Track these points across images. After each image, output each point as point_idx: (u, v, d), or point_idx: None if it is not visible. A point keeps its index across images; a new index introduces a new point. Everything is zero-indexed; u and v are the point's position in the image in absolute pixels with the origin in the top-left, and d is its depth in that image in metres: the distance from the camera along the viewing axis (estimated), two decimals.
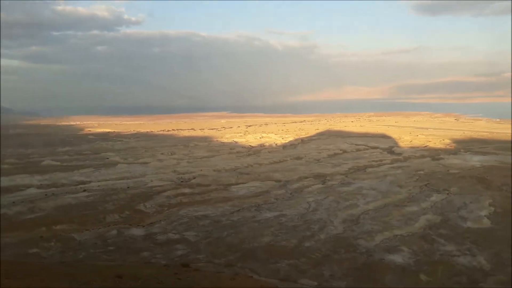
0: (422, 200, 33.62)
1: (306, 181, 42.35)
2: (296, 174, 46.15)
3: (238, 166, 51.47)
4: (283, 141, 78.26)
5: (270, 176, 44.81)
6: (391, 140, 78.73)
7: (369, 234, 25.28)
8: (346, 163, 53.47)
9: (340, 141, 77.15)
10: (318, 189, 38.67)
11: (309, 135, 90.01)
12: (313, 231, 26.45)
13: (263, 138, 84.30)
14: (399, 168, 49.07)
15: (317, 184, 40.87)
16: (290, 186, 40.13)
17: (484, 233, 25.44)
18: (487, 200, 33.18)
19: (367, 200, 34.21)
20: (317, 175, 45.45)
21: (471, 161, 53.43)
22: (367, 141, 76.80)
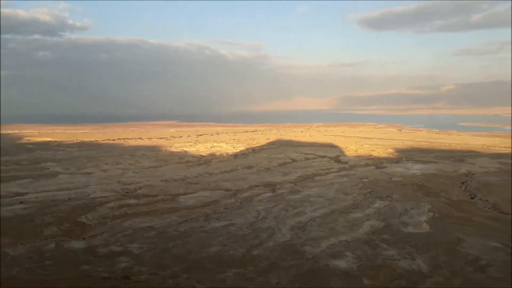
0: (366, 207, 34.67)
1: (257, 190, 42.44)
2: (247, 183, 46.14)
3: (187, 176, 50.61)
4: (234, 151, 78.14)
5: (220, 186, 44.46)
6: (338, 149, 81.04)
7: (315, 241, 25.66)
8: (295, 171, 54.25)
9: (290, 151, 78.33)
10: (268, 198, 38.84)
11: (260, 145, 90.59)
12: (261, 239, 26.43)
13: (214, 147, 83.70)
14: (345, 176, 50.49)
15: (267, 193, 41.06)
16: (240, 195, 39.97)
17: (423, 237, 26.60)
18: (427, 206, 34.83)
19: (315, 207, 34.78)
20: (267, 184, 45.70)
21: (412, 169, 56.02)
22: (316, 150, 78.59)
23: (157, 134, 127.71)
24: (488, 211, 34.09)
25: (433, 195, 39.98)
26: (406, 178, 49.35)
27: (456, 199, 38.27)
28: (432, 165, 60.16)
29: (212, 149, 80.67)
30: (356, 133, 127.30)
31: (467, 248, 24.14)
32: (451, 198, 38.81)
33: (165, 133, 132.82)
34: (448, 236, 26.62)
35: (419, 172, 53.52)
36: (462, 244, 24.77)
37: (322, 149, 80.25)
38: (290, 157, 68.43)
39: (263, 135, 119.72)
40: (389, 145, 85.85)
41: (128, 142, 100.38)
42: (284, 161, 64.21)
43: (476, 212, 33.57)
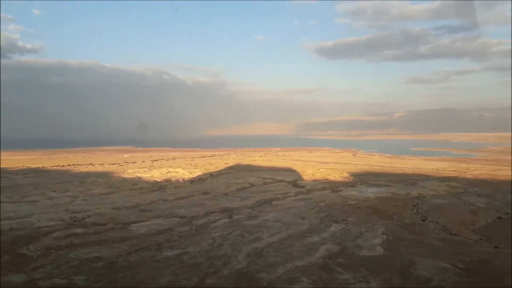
0: (322, 231, 34.73)
1: (213, 216, 41.57)
2: (203, 209, 45.17)
3: (140, 203, 48.91)
4: (191, 176, 76.83)
5: (174, 213, 43.21)
6: (296, 173, 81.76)
7: (271, 267, 25.18)
8: (253, 196, 53.91)
9: (249, 175, 78.11)
10: (224, 224, 38.07)
11: (218, 170, 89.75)
12: (216, 267, 25.62)
13: (169, 173, 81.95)
14: (302, 200, 50.73)
15: (224, 219, 40.31)
16: (196, 222, 38.94)
17: (378, 260, 26.82)
18: (381, 229, 35.39)
19: (272, 232, 34.41)
20: (224, 210, 44.96)
21: (366, 193, 57.26)
22: (274, 174, 78.87)
23: (110, 160, 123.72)
24: (439, 233, 35.13)
25: (386, 218, 40.80)
26: (361, 201, 50.23)
27: (408, 222, 39.24)
28: (386, 188, 61.82)
29: (167, 174, 78.92)
30: (313, 158, 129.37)
31: (419, 269, 24.51)
32: (404, 220, 39.77)
33: (118, 159, 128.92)
34: (401, 258, 27.01)
35: (373, 196, 54.72)
36: (414, 266, 25.14)
37: (281, 174, 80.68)
38: (248, 181, 68.11)
39: (221, 160, 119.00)
40: (344, 169, 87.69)
41: (79, 168, 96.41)
42: (243, 186, 63.77)
43: (427, 234, 34.48)
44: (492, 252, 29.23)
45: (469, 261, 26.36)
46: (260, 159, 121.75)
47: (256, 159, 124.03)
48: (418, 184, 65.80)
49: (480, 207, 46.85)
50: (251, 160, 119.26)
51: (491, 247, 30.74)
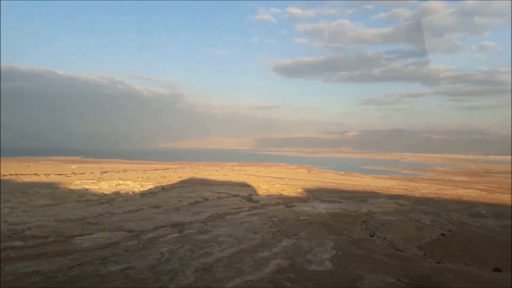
0: (273, 245, 34.61)
1: (162, 231, 40.40)
2: (153, 223, 43.78)
3: (86, 216, 46.70)
4: (142, 189, 74.60)
5: (122, 226, 41.57)
6: (250, 188, 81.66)
7: (220, 282, 24.62)
8: (206, 211, 53.11)
9: (203, 189, 77.07)
10: (174, 238, 37.05)
11: (171, 183, 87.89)
12: (162, 282, 24.70)
13: (119, 185, 79.15)
14: (256, 215, 50.55)
15: (174, 233, 39.27)
16: (144, 236, 37.63)
17: (326, 275, 26.98)
18: (330, 244, 35.81)
19: (223, 247, 33.84)
20: (175, 224, 43.86)
21: (318, 208, 58.07)
22: (229, 189, 78.31)
23: (57, 170, 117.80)
24: (386, 249, 36.04)
25: (336, 233, 41.41)
26: (313, 216, 50.78)
27: (357, 237, 40.03)
28: (337, 204, 63.03)
29: (117, 187, 76.12)
30: (269, 173, 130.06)
31: (366, 284, 24.85)
32: (353, 236, 40.53)
33: (65, 169, 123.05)
34: (349, 273, 27.32)
35: (325, 211, 55.56)
36: (361, 281, 25.47)
37: (236, 188, 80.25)
38: (202, 196, 67.11)
39: (175, 173, 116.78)
40: (299, 185, 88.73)
41: (22, 178, 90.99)
42: (196, 200, 62.71)
43: (375, 250, 35.25)
44: (435, 268, 30.26)
45: (413, 276, 27.10)
46: (216, 174, 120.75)
47: (212, 173, 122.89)
48: (368, 201, 67.66)
49: (425, 224, 48.71)
50: (206, 174, 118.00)
51: (434, 263, 31.90)
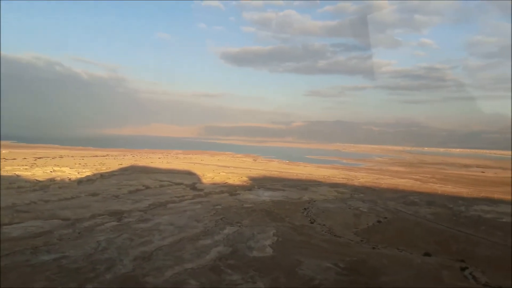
0: (216, 233, 34.48)
1: (100, 219, 38.87)
2: (89, 211, 42.02)
3: (17, 203, 43.81)
4: (79, 176, 71.18)
5: (56, 214, 39.50)
6: (195, 176, 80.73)
7: (159, 270, 24.11)
8: (147, 199, 51.77)
9: (144, 177, 75.04)
10: (112, 227, 35.76)
11: (110, 170, 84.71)
12: (98, 272, 23.77)
13: (54, 172, 74.98)
14: (199, 203, 50.06)
15: (112, 222, 37.91)
16: (80, 225, 36.02)
17: (267, 261, 27.31)
18: (272, 231, 36.32)
19: (163, 235, 33.18)
20: (113, 212, 42.35)
21: (262, 196, 58.67)
22: (172, 177, 76.87)
23: None
24: (325, 235, 37.16)
25: (279, 220, 42.08)
26: (256, 204, 51.20)
27: (298, 224, 40.93)
28: (280, 192, 64.05)
29: (52, 173, 72.02)
30: (214, 162, 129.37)
31: (304, 269, 25.47)
32: (294, 223, 41.38)
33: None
34: (289, 258, 27.86)
35: (269, 199, 56.24)
36: (300, 266, 26.07)
37: (179, 176, 78.96)
38: (143, 184, 65.32)
39: (115, 160, 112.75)
40: (244, 174, 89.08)
41: None
42: (136, 188, 60.92)
43: (315, 236, 36.24)
44: (370, 253, 31.65)
45: (349, 260, 28.16)
46: (159, 161, 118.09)
47: (154, 161, 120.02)
48: (310, 189, 69.39)
49: (363, 211, 50.78)
50: (149, 161, 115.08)
51: (370, 248, 33.33)
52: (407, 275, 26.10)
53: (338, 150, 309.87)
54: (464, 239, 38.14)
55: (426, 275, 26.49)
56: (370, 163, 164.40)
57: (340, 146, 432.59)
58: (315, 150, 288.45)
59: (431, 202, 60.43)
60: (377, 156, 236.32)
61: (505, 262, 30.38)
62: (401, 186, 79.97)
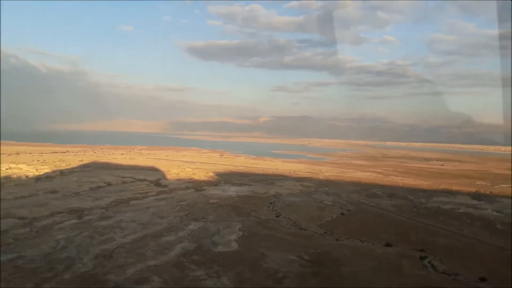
0: (180, 229, 34.06)
1: (59, 217, 37.57)
2: (48, 209, 40.52)
3: None
4: (37, 173, 68.36)
5: (12, 213, 37.78)
6: (159, 172, 79.33)
7: (121, 268, 23.55)
8: (109, 196, 50.42)
9: (106, 174, 73.01)
10: (71, 225, 34.68)
11: (71, 167, 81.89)
12: (56, 271, 22.99)
13: (10, 169, 71.58)
14: (163, 200, 49.27)
15: (72, 220, 36.77)
16: (37, 224, 34.70)
17: (231, 255, 27.23)
18: (238, 225, 36.29)
19: (125, 233, 32.44)
20: (74, 210, 41.00)
21: (229, 191, 58.45)
22: (135, 173, 75.21)
23: None
24: (290, 228, 37.47)
25: (244, 215, 42.05)
26: (222, 199, 50.95)
27: (264, 218, 41.07)
28: (247, 187, 64.05)
29: (7, 171, 68.63)
30: (180, 157, 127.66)
31: (269, 262, 25.57)
32: (260, 217, 41.49)
33: None
34: (254, 252, 27.91)
35: (235, 194, 56.10)
36: (265, 259, 26.15)
37: (143, 173, 77.34)
38: (105, 180, 63.52)
39: (76, 157, 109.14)
40: (210, 169, 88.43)
41: None
42: (98, 185, 59.14)
43: (280, 229, 36.49)
44: (333, 244, 32.22)
45: (313, 252, 28.54)
46: (122, 157, 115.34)
47: (117, 157, 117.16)
48: (276, 183, 69.81)
49: (327, 204, 51.62)
50: (111, 158, 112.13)
51: (333, 240, 33.92)
52: (368, 265, 26.72)
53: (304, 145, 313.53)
54: (424, 230, 39.49)
55: (387, 265, 27.23)
56: (335, 157, 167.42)
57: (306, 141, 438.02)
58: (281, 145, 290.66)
59: (393, 194, 62.23)
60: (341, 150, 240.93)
61: (461, 251, 31.74)
62: (364, 179, 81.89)
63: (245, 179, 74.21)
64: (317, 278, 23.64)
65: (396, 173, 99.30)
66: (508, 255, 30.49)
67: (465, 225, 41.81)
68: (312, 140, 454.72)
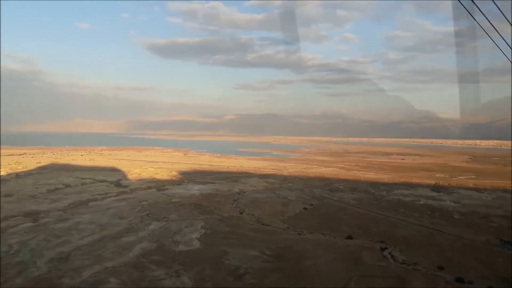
0: (141, 230, 33.39)
1: (13, 221, 36.00)
2: (1, 213, 38.60)
3: None
4: None
5: None
6: (120, 173, 77.56)
7: (76, 271, 22.79)
8: (66, 198, 48.77)
9: (65, 175, 70.60)
10: (26, 228, 33.31)
11: (27, 169, 78.66)
12: (7, 276, 22.02)
13: None
14: (124, 200, 48.15)
15: (27, 223, 35.33)
16: None
17: (193, 254, 26.94)
18: (200, 224, 35.97)
19: (83, 235, 31.45)
20: (29, 213, 39.43)
21: (192, 190, 57.84)
22: (95, 174, 73.19)
23: None
24: (253, 224, 37.52)
25: (207, 213, 41.75)
26: (185, 198, 50.37)
27: (227, 215, 40.92)
28: (210, 185, 63.63)
29: None
30: (142, 157, 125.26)
31: (231, 259, 25.49)
32: (223, 214, 41.32)
33: None
34: (215, 250, 27.73)
35: (198, 192, 55.60)
36: (226, 256, 26.05)
37: (103, 173, 75.35)
38: (63, 182, 61.39)
39: (33, 159, 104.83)
40: (173, 168, 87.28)
41: None
42: (55, 187, 57.07)
43: (243, 226, 36.46)
44: (296, 239, 32.52)
45: (276, 248, 28.69)
46: (81, 158, 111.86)
47: (76, 158, 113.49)
48: (241, 181, 69.81)
49: (290, 200, 52.08)
50: (70, 159, 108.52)
51: (296, 234, 34.23)
52: (329, 258, 27.16)
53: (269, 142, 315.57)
54: (384, 222, 40.52)
55: (347, 257, 27.75)
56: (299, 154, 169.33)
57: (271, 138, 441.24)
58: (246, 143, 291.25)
59: (355, 188, 63.61)
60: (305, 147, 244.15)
61: (420, 241, 32.84)
62: (327, 175, 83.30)
63: (209, 178, 73.75)
64: (278, 273, 23.78)
65: (358, 168, 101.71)
66: (465, 244, 31.89)
67: (425, 216, 43.26)
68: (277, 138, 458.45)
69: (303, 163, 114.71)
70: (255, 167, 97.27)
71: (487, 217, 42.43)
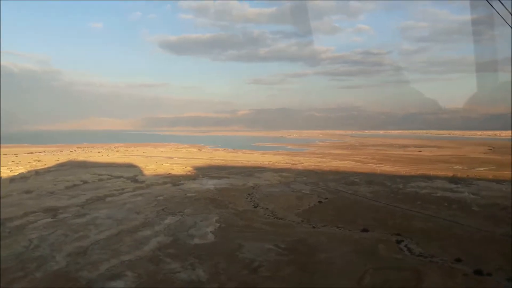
0: (156, 224, 33.80)
1: (33, 217, 36.83)
2: (22, 209, 39.64)
3: None
4: (12, 174, 66.86)
5: None
6: (136, 169, 78.48)
7: (94, 264, 23.26)
8: (84, 194, 49.60)
9: (82, 172, 71.78)
10: (45, 224, 34.06)
11: (46, 167, 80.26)
12: (27, 270, 22.62)
13: None
14: (140, 195, 48.76)
15: (46, 219, 36.12)
16: (10, 224, 33.95)
17: (208, 247, 27.19)
18: (215, 217, 36.22)
19: (100, 229, 32.02)
20: (48, 209, 40.25)
21: (207, 185, 58.22)
22: (112, 171, 74.18)
23: None
24: (267, 218, 37.61)
25: (222, 207, 42.01)
26: (200, 193, 50.75)
27: (241, 209, 41.11)
28: (225, 180, 63.94)
29: None
30: (158, 153, 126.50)
31: (245, 252, 25.64)
32: (238, 208, 41.52)
33: None
34: (230, 243, 27.92)
35: (213, 187, 55.94)
36: (241, 250, 26.21)
37: (119, 170, 76.38)
38: (81, 179, 62.42)
39: (51, 156, 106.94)
40: (188, 164, 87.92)
41: None
42: (73, 183, 58.10)
43: (257, 219, 36.59)
44: (310, 232, 32.48)
45: (290, 241, 28.72)
46: (98, 155, 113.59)
47: (93, 155, 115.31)
48: (255, 175, 69.92)
49: (305, 193, 51.97)
50: (87, 156, 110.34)
51: (310, 228, 34.18)
52: (344, 250, 27.06)
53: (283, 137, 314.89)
54: (401, 214, 40.08)
55: (363, 249, 27.59)
56: (313, 147, 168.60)
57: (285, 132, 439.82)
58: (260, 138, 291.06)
59: (371, 181, 63.03)
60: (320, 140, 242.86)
61: (437, 233, 32.39)
62: (342, 168, 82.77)
63: (224, 172, 74.08)
64: (292, 265, 23.82)
65: (374, 161, 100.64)
66: (483, 236, 31.36)
67: (442, 208, 42.64)
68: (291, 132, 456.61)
69: (318, 157, 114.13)
70: (269, 161, 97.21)
71: (507, 208, 41.55)
